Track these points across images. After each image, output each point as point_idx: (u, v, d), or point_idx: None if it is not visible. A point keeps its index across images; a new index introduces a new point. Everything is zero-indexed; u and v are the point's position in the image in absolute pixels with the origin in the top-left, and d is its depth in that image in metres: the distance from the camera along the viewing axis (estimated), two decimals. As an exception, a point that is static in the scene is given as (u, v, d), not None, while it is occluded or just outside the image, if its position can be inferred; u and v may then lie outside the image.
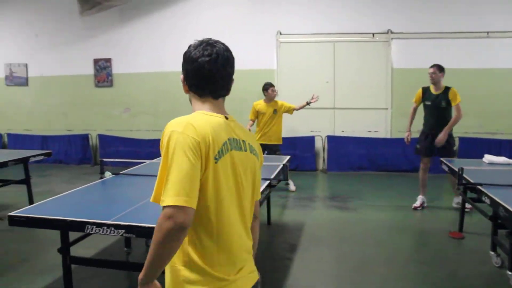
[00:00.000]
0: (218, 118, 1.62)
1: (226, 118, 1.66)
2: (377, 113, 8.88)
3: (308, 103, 7.02)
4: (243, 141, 1.67)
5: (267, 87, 6.94)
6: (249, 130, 6.62)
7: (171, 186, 1.40)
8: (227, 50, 1.67)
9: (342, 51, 8.85)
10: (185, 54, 1.67)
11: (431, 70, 5.87)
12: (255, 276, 1.72)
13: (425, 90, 6.02)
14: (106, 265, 3.70)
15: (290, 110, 7.08)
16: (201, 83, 1.65)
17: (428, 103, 5.96)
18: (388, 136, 8.83)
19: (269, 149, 6.82)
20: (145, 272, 1.49)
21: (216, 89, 1.66)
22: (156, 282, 1.54)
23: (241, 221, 1.65)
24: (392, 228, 5.34)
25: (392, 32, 8.60)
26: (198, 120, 1.55)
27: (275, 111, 6.94)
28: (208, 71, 1.61)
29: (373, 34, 8.67)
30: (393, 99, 8.75)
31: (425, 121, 6.10)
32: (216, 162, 1.52)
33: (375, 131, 8.89)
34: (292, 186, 7.20)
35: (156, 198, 1.49)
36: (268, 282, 3.75)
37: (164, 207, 1.40)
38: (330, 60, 8.88)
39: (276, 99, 7.08)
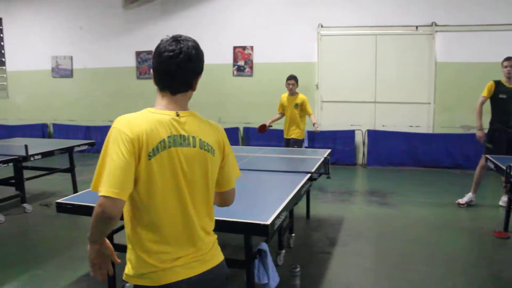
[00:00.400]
0: (162, 116, 1.66)
1: (177, 114, 1.68)
2: (419, 107, 8.68)
3: (314, 126, 6.62)
4: (194, 137, 1.69)
5: (286, 80, 6.67)
6: (269, 125, 6.62)
7: (105, 178, 1.52)
8: (194, 47, 1.73)
9: (384, 44, 8.68)
10: (155, 49, 1.72)
11: (508, 63, 5.60)
12: (198, 267, 1.70)
13: (498, 83, 5.70)
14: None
15: (307, 113, 6.71)
16: (162, 78, 1.71)
17: (503, 96, 5.65)
18: (430, 131, 8.62)
19: (292, 143, 6.68)
20: (89, 236, 1.65)
21: (174, 84, 1.70)
22: (105, 240, 1.67)
23: (184, 213, 1.67)
24: (433, 226, 5.22)
25: (436, 25, 8.37)
26: (138, 119, 1.63)
27: (296, 106, 6.62)
28: (167, 66, 1.67)
29: (417, 27, 8.46)
30: (436, 94, 8.53)
31: (498, 116, 5.74)
32: (149, 159, 1.59)
33: (417, 126, 8.70)
34: None
35: (94, 187, 1.58)
36: (307, 275, 3.75)
37: (99, 196, 1.52)
38: (372, 53, 8.72)
39: (302, 94, 6.74)
